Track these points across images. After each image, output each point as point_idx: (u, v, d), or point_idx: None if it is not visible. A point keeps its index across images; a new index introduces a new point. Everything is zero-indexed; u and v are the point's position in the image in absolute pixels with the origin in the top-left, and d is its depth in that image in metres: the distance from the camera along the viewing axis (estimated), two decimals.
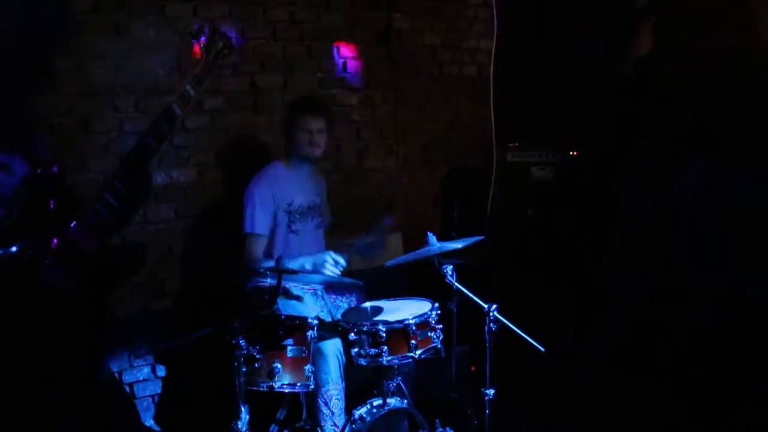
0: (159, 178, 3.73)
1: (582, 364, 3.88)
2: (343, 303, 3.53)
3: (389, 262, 3.17)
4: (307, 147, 3.52)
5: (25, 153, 2.21)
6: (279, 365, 2.84)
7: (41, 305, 2.11)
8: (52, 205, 2.17)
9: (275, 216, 3.46)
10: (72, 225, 2.17)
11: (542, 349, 2.85)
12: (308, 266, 3.34)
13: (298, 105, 3.62)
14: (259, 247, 3.42)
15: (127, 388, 3.71)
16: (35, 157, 2.27)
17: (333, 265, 3.32)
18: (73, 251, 2.16)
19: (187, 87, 2.56)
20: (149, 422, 3.78)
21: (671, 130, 3.81)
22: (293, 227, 3.52)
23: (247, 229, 3.41)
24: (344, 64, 4.41)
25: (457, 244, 3.14)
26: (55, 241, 2.14)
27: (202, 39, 2.66)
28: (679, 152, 3.77)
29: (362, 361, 2.96)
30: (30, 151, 2.27)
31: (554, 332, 3.09)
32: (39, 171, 2.20)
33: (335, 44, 4.35)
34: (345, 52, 4.40)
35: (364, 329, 2.95)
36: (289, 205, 3.51)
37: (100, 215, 2.22)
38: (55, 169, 2.24)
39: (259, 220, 3.41)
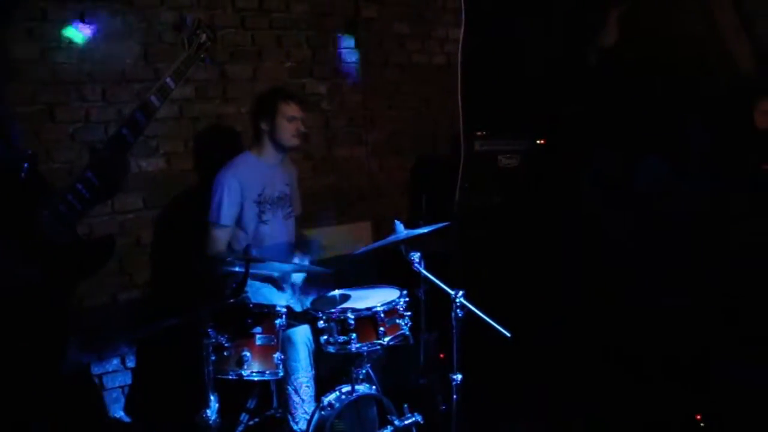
0: None
1: (547, 349, 3.94)
2: (312, 291, 3.56)
3: (357, 251, 3.19)
4: (292, 137, 3.50)
5: None
6: (248, 353, 2.85)
7: (8, 296, 2.10)
8: (23, 195, 2.15)
9: (242, 207, 3.43)
10: (44, 215, 2.16)
11: (508, 334, 2.89)
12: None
13: (281, 94, 3.54)
14: (221, 239, 3.38)
15: (96, 380, 3.69)
16: (8, 146, 2.25)
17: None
18: (42, 241, 2.15)
19: (167, 80, 2.57)
20: (119, 413, 3.77)
21: (628, 122, 3.89)
22: (263, 218, 3.49)
23: (212, 218, 3.38)
24: (313, 54, 4.41)
25: (423, 230, 3.17)
26: (25, 230, 2.13)
27: (185, 31, 2.66)
28: (635, 146, 3.86)
29: (331, 349, 2.98)
30: (3, 141, 2.25)
31: (520, 318, 3.13)
32: (9, 159, 2.19)
33: (304, 33, 4.35)
34: (314, 41, 4.40)
35: (333, 317, 2.96)
36: (259, 195, 3.48)
37: (71, 206, 2.20)
38: (27, 158, 2.21)
39: (224, 210, 3.37)
